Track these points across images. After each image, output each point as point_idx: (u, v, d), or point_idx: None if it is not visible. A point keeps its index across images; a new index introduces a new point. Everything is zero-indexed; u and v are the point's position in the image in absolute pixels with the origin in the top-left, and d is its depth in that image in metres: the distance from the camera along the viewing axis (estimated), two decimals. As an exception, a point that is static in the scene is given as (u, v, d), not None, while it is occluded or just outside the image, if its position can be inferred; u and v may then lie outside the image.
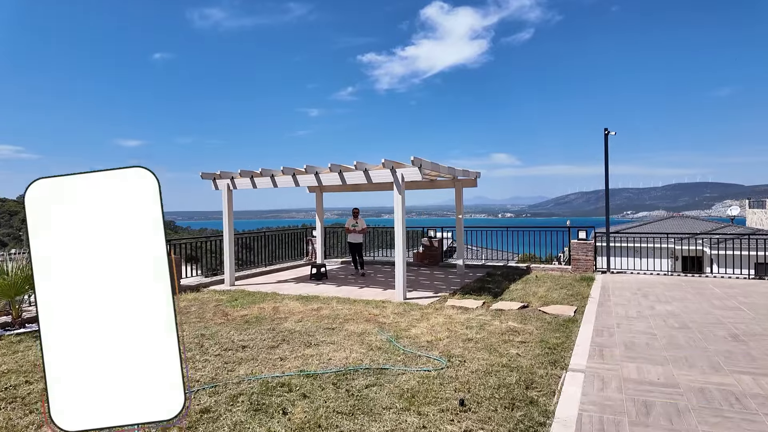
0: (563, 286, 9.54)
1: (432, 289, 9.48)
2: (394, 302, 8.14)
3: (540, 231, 12.72)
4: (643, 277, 10.59)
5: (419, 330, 6.26)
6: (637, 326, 6.30)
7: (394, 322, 6.68)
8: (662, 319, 6.69)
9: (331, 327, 6.46)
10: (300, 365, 4.92)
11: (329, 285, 10.23)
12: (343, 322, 6.71)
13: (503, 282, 10.13)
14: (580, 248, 11.19)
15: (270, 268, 12.50)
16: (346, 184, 9.03)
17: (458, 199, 11.55)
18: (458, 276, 11.16)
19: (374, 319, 6.87)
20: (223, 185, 10.27)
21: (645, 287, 9.31)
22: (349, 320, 6.84)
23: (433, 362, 4.97)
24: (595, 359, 4.98)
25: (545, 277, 10.68)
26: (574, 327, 6.36)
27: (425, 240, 12.95)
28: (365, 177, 8.74)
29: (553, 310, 7.36)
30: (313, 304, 7.97)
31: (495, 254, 16.73)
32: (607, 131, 11.14)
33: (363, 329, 6.32)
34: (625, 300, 8.07)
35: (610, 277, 10.56)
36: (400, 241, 8.47)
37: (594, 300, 8.07)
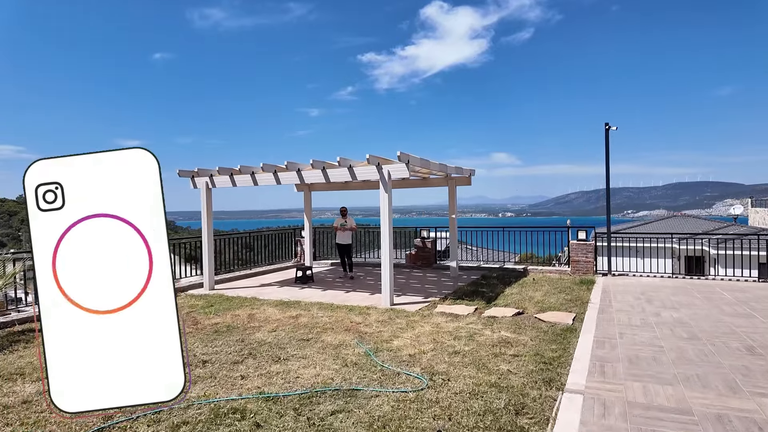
0: (562, 289, 8.97)
1: (422, 294, 8.91)
2: (379, 309, 7.58)
3: (538, 231, 12.16)
4: (647, 280, 10.02)
5: (402, 341, 5.69)
6: (642, 336, 5.73)
7: (377, 332, 6.12)
8: (669, 327, 6.12)
9: (306, 338, 5.90)
10: (262, 385, 4.35)
11: (314, 289, 9.67)
12: (320, 332, 6.15)
13: (498, 285, 9.56)
14: (580, 249, 10.62)
15: (255, 271, 11.94)
16: (331, 182, 8.46)
17: (452, 198, 10.97)
18: (451, 279, 10.59)
19: (355, 329, 6.30)
20: (201, 183, 9.71)
21: (649, 291, 8.74)
22: (328, 330, 6.27)
23: (413, 381, 4.41)
24: (595, 377, 4.41)
25: (543, 280, 10.11)
26: (572, 337, 5.80)
27: (418, 241, 12.38)
28: (350, 174, 8.17)
29: (551, 317, 6.79)
30: (292, 311, 7.41)
31: (493, 255, 16.21)
32: (608, 126, 10.58)
33: (341, 341, 5.75)
34: (628, 306, 7.50)
35: (612, 280, 10.00)
36: (387, 243, 7.91)
37: (594, 306, 7.50)
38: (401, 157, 7.50)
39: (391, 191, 7.94)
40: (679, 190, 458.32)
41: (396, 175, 7.81)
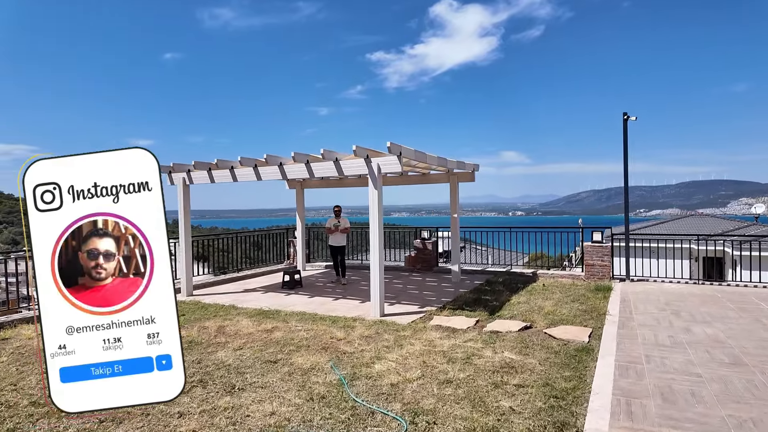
0: (575, 298, 8.01)
1: (418, 302, 8.00)
2: (367, 320, 6.68)
3: (549, 231, 11.19)
4: (669, 286, 9.02)
5: (386, 364, 4.79)
6: (674, 360, 4.78)
7: (358, 352, 5.23)
8: (705, 348, 5.16)
9: (274, 359, 5.02)
10: (199, 428, 3.48)
11: (301, 295, 8.81)
12: (293, 351, 5.27)
13: (504, 292, 8.62)
14: (595, 252, 9.64)
15: (243, 274, 11.10)
16: (323, 178, 7.59)
17: (453, 195, 10.04)
18: (453, 284, 9.67)
19: (334, 347, 5.42)
20: (178, 180, 8.87)
21: (674, 300, 7.75)
22: (302, 348, 5.40)
23: (390, 424, 3.51)
24: (621, 420, 3.49)
25: (554, 287, 9.15)
26: (589, 360, 4.87)
27: (417, 242, 11.46)
28: (336, 168, 7.28)
29: (563, 333, 5.86)
30: (267, 323, 6.54)
31: (503, 255, 15.26)
32: (627, 116, 9.58)
33: (314, 363, 4.87)
34: (652, 318, 6.53)
35: (631, 287, 9.01)
36: (377, 246, 7.01)
37: (613, 318, 6.54)
38: (392, 148, 6.59)
39: (381, 187, 7.04)
40: (692, 188, 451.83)
41: (387, 168, 6.90)
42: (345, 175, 7.27)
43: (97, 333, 2.32)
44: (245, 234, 12.20)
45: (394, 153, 6.70)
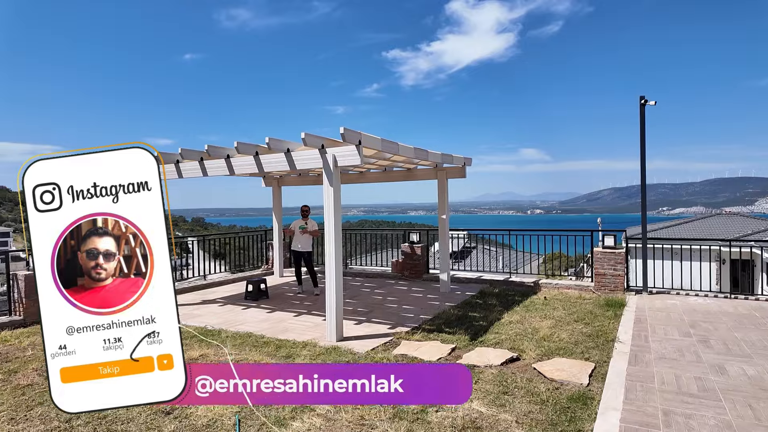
0: (580, 316, 6.68)
1: (392, 320, 6.75)
2: (319, 347, 5.47)
3: (550, 235, 9.82)
4: (695, 301, 7.60)
5: (309, 421, 3.57)
6: (704, 421, 3.46)
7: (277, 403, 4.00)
8: (747, 401, 3.81)
9: (169, 408, 3.85)
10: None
11: (261, 309, 7.64)
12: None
13: (496, 308, 7.32)
14: (606, 260, 8.26)
15: (209, 281, 9.98)
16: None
17: (441, 194, 8.74)
18: (440, 296, 8.39)
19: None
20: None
21: (701, 320, 6.36)
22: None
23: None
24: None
25: (557, 300, 7.81)
26: (585, 417, 3.58)
27: (405, 246, 10.18)
28: (287, 161, 6.08)
29: (557, 370, 4.56)
30: (196, 350, 5.36)
31: (517, 257, 13.97)
32: (644, 100, 8.17)
33: (215, 416, 3.67)
34: (673, 349, 5.18)
35: (648, 301, 7.62)
36: (333, 254, 5.80)
37: (624, 348, 5.21)
38: (346, 135, 5.33)
39: (339, 183, 5.80)
40: (718, 186, 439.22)
41: (345, 161, 5.67)
42: (297, 169, 6.06)
43: (97, 333, 2.32)
44: (213, 236, 11.10)
45: (350, 142, 5.46)
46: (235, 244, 11.52)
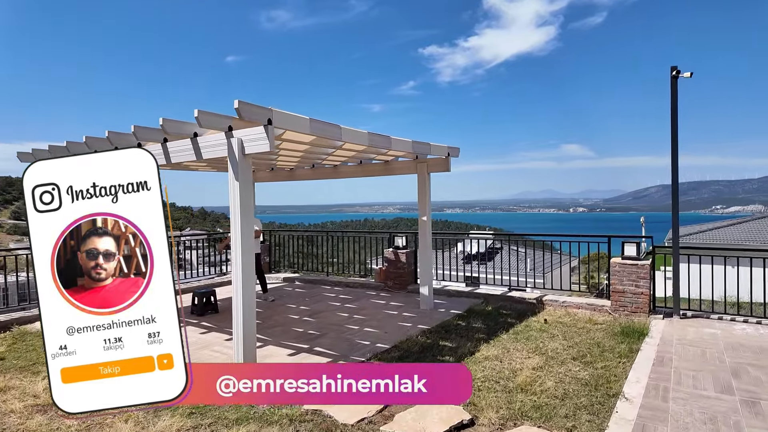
0: (581, 351, 5.07)
1: (339, 350, 5.35)
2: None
3: (565, 241, 8.17)
4: (743, 331, 5.81)
5: None
6: None
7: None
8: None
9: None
10: None
11: (198, 328, 6.42)
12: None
13: (477, 334, 5.79)
14: (626, 274, 6.54)
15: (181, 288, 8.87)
16: (172, 162, 5.13)
17: (422, 190, 7.23)
18: (417, 315, 6.90)
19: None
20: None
21: (750, 364, 4.64)
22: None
23: None
24: None
25: (559, 325, 6.19)
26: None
27: (389, 252, 8.71)
28: (193, 149, 4.78)
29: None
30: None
31: (541, 259, 12.29)
32: (677, 72, 6.40)
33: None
34: (703, 418, 3.54)
35: (678, 329, 5.89)
36: (240, 262, 4.50)
37: (628, 414, 3.61)
38: (243, 110, 3.94)
39: (251, 176, 4.46)
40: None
41: (254, 147, 4.31)
42: (204, 158, 4.74)
43: (97, 333, 2.31)
44: (184, 237, 10.00)
45: (254, 121, 4.08)
46: (185, 246, 10.41)
